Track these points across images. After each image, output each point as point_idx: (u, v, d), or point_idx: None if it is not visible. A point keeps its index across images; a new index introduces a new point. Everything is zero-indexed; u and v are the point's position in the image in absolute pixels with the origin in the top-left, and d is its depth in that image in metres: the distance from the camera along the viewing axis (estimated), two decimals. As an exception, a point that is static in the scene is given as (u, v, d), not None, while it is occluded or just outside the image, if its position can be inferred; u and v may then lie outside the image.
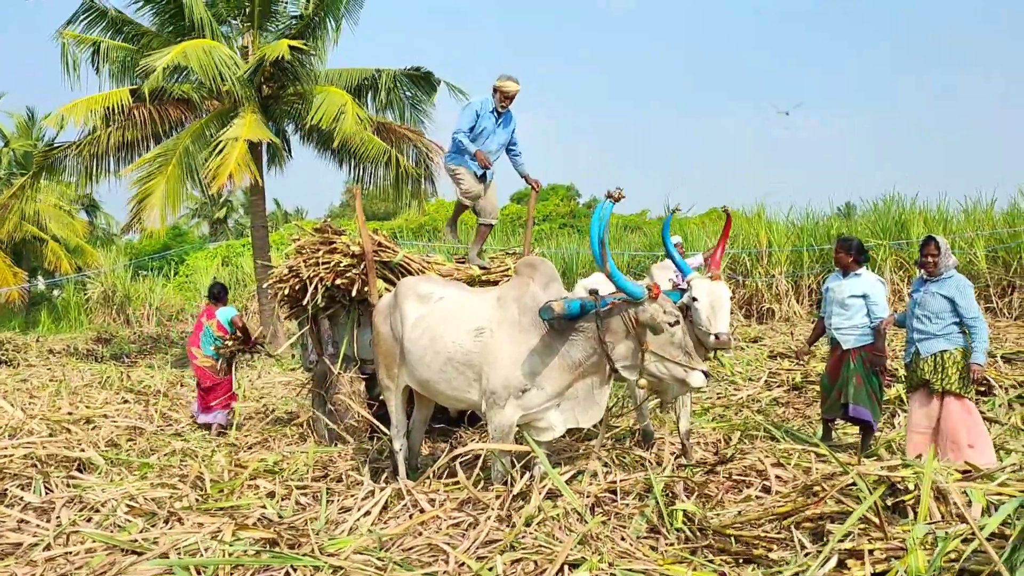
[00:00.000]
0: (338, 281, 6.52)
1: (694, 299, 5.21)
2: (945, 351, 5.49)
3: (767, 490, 4.96)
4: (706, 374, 4.34)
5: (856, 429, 6.48)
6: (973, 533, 3.13)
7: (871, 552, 3.30)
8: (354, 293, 6.47)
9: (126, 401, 8.79)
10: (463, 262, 7.11)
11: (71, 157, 13.63)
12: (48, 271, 24.73)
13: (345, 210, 40.11)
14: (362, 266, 6.47)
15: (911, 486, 3.90)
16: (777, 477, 4.98)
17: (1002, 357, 8.91)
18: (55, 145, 14.04)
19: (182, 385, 10.41)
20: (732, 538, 4.10)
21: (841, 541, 3.41)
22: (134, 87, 13.68)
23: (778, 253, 17.56)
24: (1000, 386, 7.81)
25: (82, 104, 13.03)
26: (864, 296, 6.00)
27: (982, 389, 7.53)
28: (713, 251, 5.74)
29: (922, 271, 5.63)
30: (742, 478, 5.14)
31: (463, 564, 3.64)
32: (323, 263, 6.65)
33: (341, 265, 6.56)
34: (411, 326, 5.18)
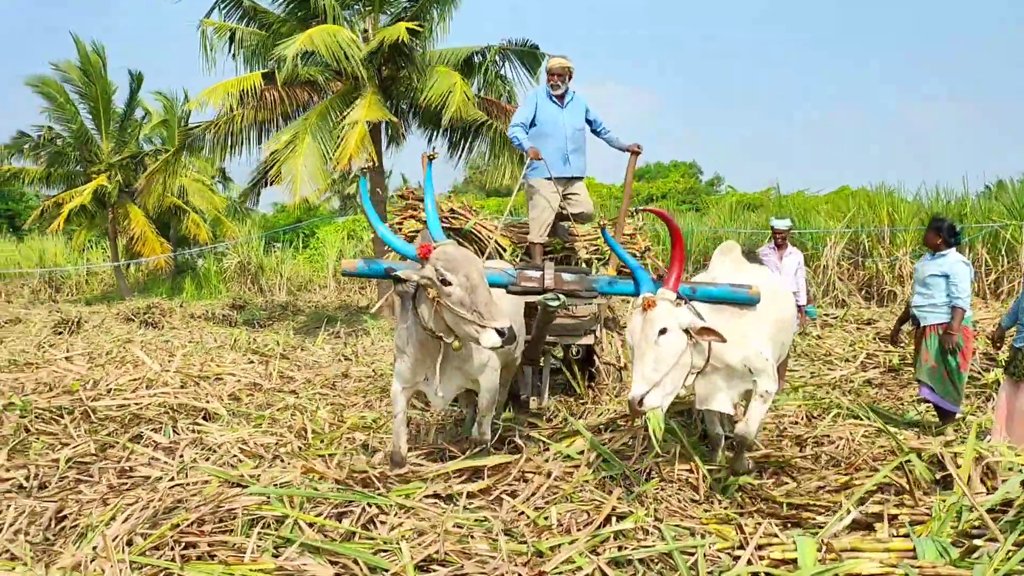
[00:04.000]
0: None
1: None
2: None
3: (836, 464, 5.12)
4: (500, 333, 3.94)
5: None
6: (1003, 505, 3.26)
7: (896, 517, 3.46)
8: None
9: (251, 361, 9.60)
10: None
11: (209, 135, 14.74)
12: (190, 241, 26.57)
13: (468, 186, 40.96)
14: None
15: (962, 462, 4.00)
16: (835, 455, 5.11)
17: None
18: (195, 125, 15.22)
19: (302, 349, 11.23)
20: (783, 504, 4.31)
21: (864, 503, 3.59)
22: (265, 71, 14.64)
23: (902, 233, 16.95)
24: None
25: (220, 88, 14.05)
26: (945, 276, 6.01)
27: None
28: (669, 271, 4.29)
29: None
30: (811, 453, 5.31)
31: (521, 513, 4.02)
32: (400, 229, 7.02)
33: (409, 232, 6.86)
34: None
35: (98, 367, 8.67)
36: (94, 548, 3.53)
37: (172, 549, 3.48)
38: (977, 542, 2.99)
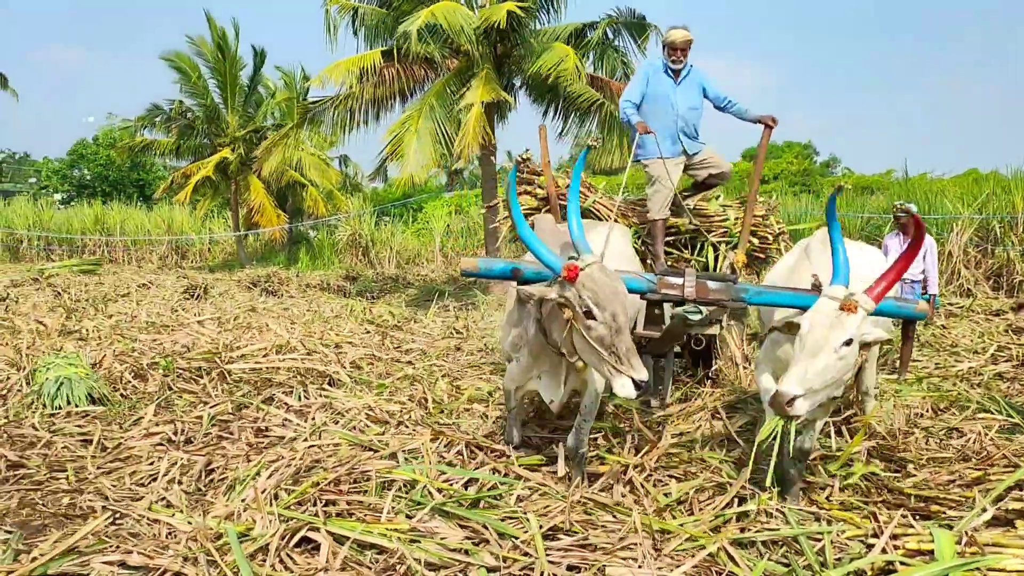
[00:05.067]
0: None
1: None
2: None
3: (966, 458, 4.95)
4: (638, 385, 3.50)
5: None
6: None
7: (1039, 515, 3.35)
8: None
9: (368, 332, 9.94)
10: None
11: (329, 111, 15.22)
12: (304, 214, 27.60)
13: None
14: (545, 209, 6.43)
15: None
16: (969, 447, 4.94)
17: None
18: (316, 100, 15.74)
19: (415, 321, 11.54)
20: (911, 496, 4.21)
21: (1003, 499, 3.48)
22: (385, 48, 14.99)
23: (1039, 220, 16.02)
24: None
25: (342, 65, 14.49)
26: None
27: None
28: (881, 278, 3.65)
29: None
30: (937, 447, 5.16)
31: (642, 487, 4.07)
32: None
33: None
34: None
35: (227, 331, 9.17)
36: (243, 500, 3.79)
37: (314, 505, 3.70)
38: None
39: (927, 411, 6.34)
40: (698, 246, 6.72)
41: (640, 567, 3.32)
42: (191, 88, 24.08)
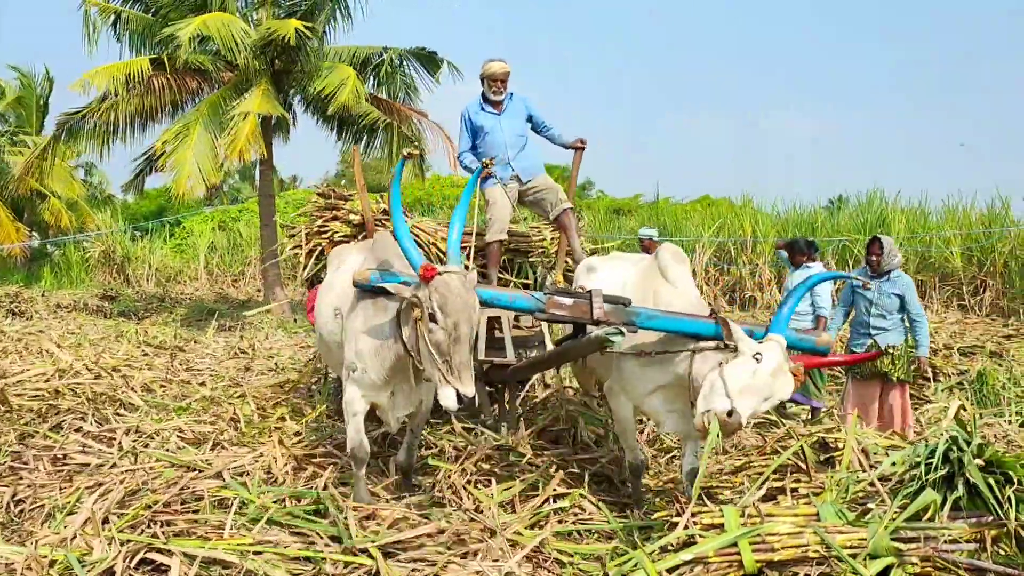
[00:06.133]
0: None
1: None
2: (898, 344, 6.14)
3: (724, 451, 5.77)
4: (461, 399, 3.60)
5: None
6: (881, 478, 3.95)
7: (795, 490, 4.10)
8: None
9: (146, 354, 9.47)
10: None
11: (90, 120, 14.18)
12: (48, 227, 25.17)
13: (341, 180, 40.54)
14: (362, 236, 6.25)
15: (840, 445, 4.71)
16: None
17: (959, 350, 9.69)
18: (75, 109, 14.59)
19: (196, 342, 11.11)
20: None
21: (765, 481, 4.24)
22: (154, 56, 14.25)
23: (762, 243, 18.34)
24: (947, 374, 8.67)
25: (104, 71, 13.58)
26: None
27: (927, 376, 8.36)
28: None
29: (866, 267, 6.19)
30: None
31: (463, 487, 4.43)
32: (323, 231, 6.46)
33: (337, 236, 6.36)
34: (319, 297, 4.90)
35: (-19, 357, 8.39)
36: (69, 527, 3.66)
37: (150, 527, 3.66)
38: (870, 506, 3.66)
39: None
40: (516, 267, 6.79)
41: (477, 560, 3.65)
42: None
